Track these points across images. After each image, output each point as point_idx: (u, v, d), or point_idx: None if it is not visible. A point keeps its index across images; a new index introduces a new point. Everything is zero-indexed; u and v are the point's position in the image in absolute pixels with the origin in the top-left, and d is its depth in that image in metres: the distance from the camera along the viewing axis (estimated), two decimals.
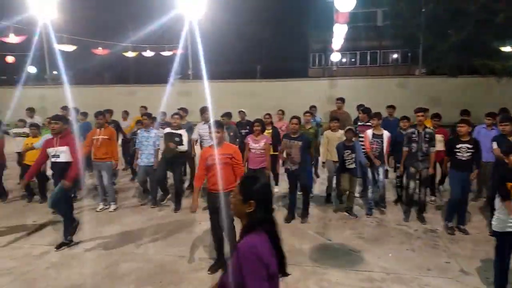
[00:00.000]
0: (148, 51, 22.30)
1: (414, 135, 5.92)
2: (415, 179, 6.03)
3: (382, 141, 6.31)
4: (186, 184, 8.04)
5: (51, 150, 5.07)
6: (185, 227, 5.92)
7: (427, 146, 5.87)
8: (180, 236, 5.53)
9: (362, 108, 7.69)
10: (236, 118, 8.55)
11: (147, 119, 6.89)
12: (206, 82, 18.10)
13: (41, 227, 5.94)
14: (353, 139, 6.27)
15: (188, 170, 8.27)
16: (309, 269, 4.49)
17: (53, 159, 5.09)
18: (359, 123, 7.39)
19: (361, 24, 27.40)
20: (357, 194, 6.95)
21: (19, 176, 7.51)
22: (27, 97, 17.23)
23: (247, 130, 7.85)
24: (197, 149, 7.45)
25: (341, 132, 6.62)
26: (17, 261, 4.75)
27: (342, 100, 8.51)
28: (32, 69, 24.89)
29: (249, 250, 1.87)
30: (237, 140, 7.46)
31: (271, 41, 30.50)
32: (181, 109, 8.06)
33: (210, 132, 4.40)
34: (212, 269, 4.45)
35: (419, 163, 5.91)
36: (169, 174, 7.09)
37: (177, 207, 6.65)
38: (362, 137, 6.69)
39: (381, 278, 4.29)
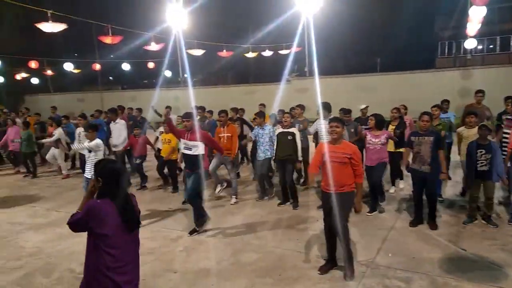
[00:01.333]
0: (267, 50, 23.09)
1: None
2: None
3: None
4: (301, 180, 8.12)
5: (183, 142, 5.66)
6: (303, 223, 5.96)
7: None
8: (298, 232, 5.59)
9: (511, 100, 6.67)
10: (356, 114, 8.31)
11: (258, 118, 7.19)
12: (317, 78, 17.92)
13: (175, 213, 6.66)
14: (489, 137, 5.49)
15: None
16: (440, 280, 4.07)
17: (185, 151, 5.65)
18: (508, 117, 6.40)
19: (502, 4, 23.70)
20: (496, 200, 6.04)
21: (156, 167, 8.45)
22: (163, 98, 19.53)
23: (367, 126, 7.55)
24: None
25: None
26: (157, 243, 5.41)
27: (483, 92, 7.51)
28: (168, 73, 28.09)
29: (88, 204, 2.62)
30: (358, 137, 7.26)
31: (393, 32, 28.56)
32: (298, 106, 8.15)
33: (329, 128, 4.29)
34: (322, 270, 4.32)
35: None
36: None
37: (295, 204, 6.72)
38: (507, 133, 5.81)
39: None
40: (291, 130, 6.69)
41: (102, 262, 2.54)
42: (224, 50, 21.58)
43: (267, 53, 23.15)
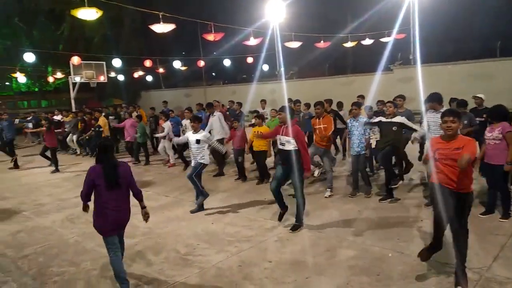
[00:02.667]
0: (367, 39, 22.00)
1: None
2: None
3: None
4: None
5: (278, 137, 5.66)
6: (405, 222, 5.57)
7: None
8: (399, 231, 5.24)
9: None
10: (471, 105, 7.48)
11: (357, 108, 6.88)
12: (419, 66, 16.51)
13: (271, 204, 6.77)
14: None
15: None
16: None
17: (280, 146, 5.68)
18: None
19: None
20: None
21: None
22: (260, 92, 20.06)
23: (482, 119, 6.74)
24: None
25: None
26: (254, 231, 5.58)
27: None
28: (265, 67, 28.71)
29: (88, 170, 3.92)
30: (472, 128, 6.57)
31: None
32: (399, 96, 7.69)
33: (443, 123, 3.82)
34: (422, 255, 4.01)
35: None
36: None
37: (391, 198, 6.40)
38: None
39: None
40: (395, 119, 6.30)
41: (97, 201, 3.90)
42: (322, 41, 21.17)
43: (367, 41, 22.06)
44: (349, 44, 22.56)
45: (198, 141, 6.51)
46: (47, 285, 4.29)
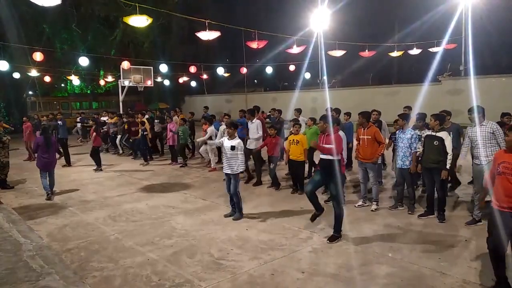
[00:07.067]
0: (414, 48, 21.27)
1: None
2: None
3: None
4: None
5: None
6: (448, 240, 5.28)
7: None
8: (441, 250, 4.98)
9: None
10: None
11: (400, 120, 6.65)
12: (472, 78, 15.69)
13: (305, 213, 6.66)
14: None
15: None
16: None
17: (321, 156, 5.60)
18: None
19: None
20: None
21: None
22: (302, 100, 19.97)
23: None
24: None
25: None
26: (288, 240, 5.51)
27: None
28: (307, 75, 28.55)
29: (35, 139, 9.16)
30: None
31: None
32: (444, 111, 7.39)
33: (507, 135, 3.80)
34: None
35: None
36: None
37: (441, 217, 6.06)
38: None
39: None
40: (439, 134, 6.02)
41: (39, 154, 8.27)
42: (366, 50, 20.74)
43: (414, 51, 21.33)
44: (395, 54, 21.92)
45: (232, 148, 6.51)
46: (87, 280, 4.47)
